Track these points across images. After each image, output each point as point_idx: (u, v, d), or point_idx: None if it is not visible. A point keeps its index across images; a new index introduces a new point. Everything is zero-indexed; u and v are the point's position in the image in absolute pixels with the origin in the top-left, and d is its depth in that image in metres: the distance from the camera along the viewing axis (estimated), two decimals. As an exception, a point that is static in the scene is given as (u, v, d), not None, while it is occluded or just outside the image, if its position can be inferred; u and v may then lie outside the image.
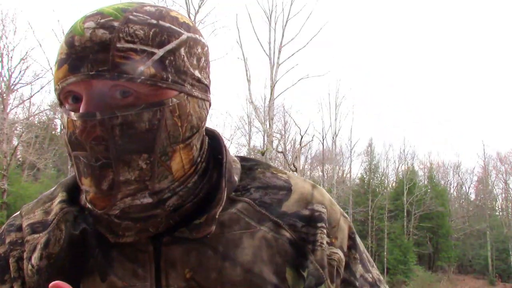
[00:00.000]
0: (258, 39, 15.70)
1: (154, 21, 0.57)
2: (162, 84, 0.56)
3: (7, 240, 0.67)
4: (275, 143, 19.54)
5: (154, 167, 0.57)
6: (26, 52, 17.09)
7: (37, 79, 18.40)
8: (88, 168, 0.56)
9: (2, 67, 16.74)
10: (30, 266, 0.63)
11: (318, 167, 30.05)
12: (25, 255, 0.64)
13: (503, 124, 57.63)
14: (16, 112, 19.80)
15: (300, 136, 17.14)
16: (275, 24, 15.46)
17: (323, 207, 0.67)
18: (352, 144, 29.00)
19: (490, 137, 67.54)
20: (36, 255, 0.62)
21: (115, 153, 0.55)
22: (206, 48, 0.64)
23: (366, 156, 32.00)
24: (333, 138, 25.80)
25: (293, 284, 0.61)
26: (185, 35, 0.59)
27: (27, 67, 17.66)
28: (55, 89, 0.58)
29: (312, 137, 23.64)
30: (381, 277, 0.71)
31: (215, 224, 0.60)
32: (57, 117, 24.62)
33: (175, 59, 0.58)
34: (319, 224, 0.65)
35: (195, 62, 0.61)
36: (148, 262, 0.60)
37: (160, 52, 0.56)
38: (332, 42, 59.43)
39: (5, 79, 16.83)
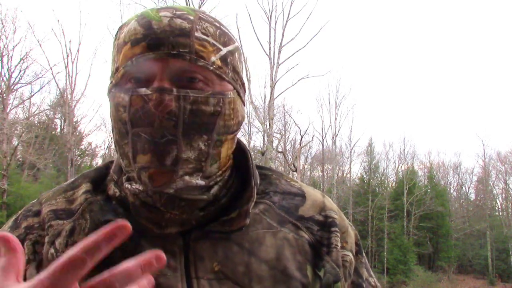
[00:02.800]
0: (258, 39, 15.73)
1: (217, 24, 0.64)
2: (225, 77, 0.62)
3: (23, 225, 0.67)
4: (275, 143, 19.54)
5: (210, 149, 0.61)
6: (26, 53, 17.12)
7: (37, 79, 18.38)
8: (151, 145, 0.57)
9: (2, 67, 16.76)
10: (52, 250, 0.63)
11: (318, 167, 30.06)
12: (47, 238, 0.64)
13: (503, 124, 57.66)
14: (16, 112, 19.84)
15: (300, 136, 17.16)
16: (275, 24, 15.50)
17: (335, 214, 0.72)
18: (352, 144, 29.02)
19: (490, 137, 67.59)
20: (61, 241, 0.63)
21: (181, 131, 0.58)
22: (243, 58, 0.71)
23: (366, 156, 32.01)
24: (333, 138, 25.82)
25: (312, 281, 0.65)
26: (236, 43, 0.67)
27: (27, 67, 17.63)
28: (124, 66, 0.60)
29: (312, 137, 23.71)
30: (379, 284, 0.77)
31: (249, 218, 0.64)
32: (57, 117, 24.66)
33: (233, 59, 0.64)
34: (333, 229, 0.70)
35: (241, 67, 0.68)
36: (178, 254, 0.61)
37: (224, 50, 0.63)
38: (332, 42, 59.47)
39: (5, 79, 16.84)
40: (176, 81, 0.59)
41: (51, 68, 17.81)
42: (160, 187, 0.59)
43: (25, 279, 0.60)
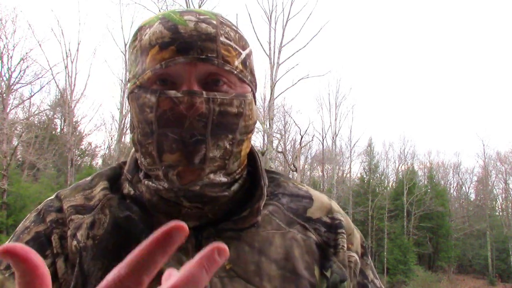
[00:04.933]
0: (258, 39, 15.72)
1: (235, 28, 0.66)
2: (245, 79, 0.65)
3: (48, 219, 0.68)
4: (275, 143, 19.54)
5: (233, 148, 0.64)
6: (26, 53, 17.10)
7: (37, 79, 18.34)
8: (179, 144, 0.60)
9: (2, 67, 16.75)
10: (75, 242, 0.64)
11: (318, 167, 30.07)
12: (69, 232, 0.66)
13: (503, 124, 57.65)
14: (16, 112, 19.82)
15: (300, 136, 17.14)
16: (275, 24, 15.50)
17: (341, 216, 0.75)
18: (352, 144, 29.02)
19: (490, 137, 67.57)
20: (82, 233, 0.65)
21: (210, 131, 0.61)
22: None
23: (366, 156, 31.99)
24: (333, 138, 25.83)
25: (319, 281, 0.67)
26: (250, 46, 0.69)
27: (27, 67, 17.61)
28: (153, 69, 0.61)
29: (312, 137, 23.72)
30: (383, 286, 0.78)
31: (260, 215, 0.66)
32: (57, 117, 24.64)
33: (250, 62, 0.68)
34: (339, 231, 0.72)
35: (254, 70, 0.70)
36: (190, 251, 0.63)
37: (244, 54, 0.66)
38: (332, 42, 59.45)
39: (5, 79, 16.83)
40: (203, 84, 0.61)
41: (51, 68, 17.83)
42: (187, 185, 0.61)
43: (55, 272, 0.63)
